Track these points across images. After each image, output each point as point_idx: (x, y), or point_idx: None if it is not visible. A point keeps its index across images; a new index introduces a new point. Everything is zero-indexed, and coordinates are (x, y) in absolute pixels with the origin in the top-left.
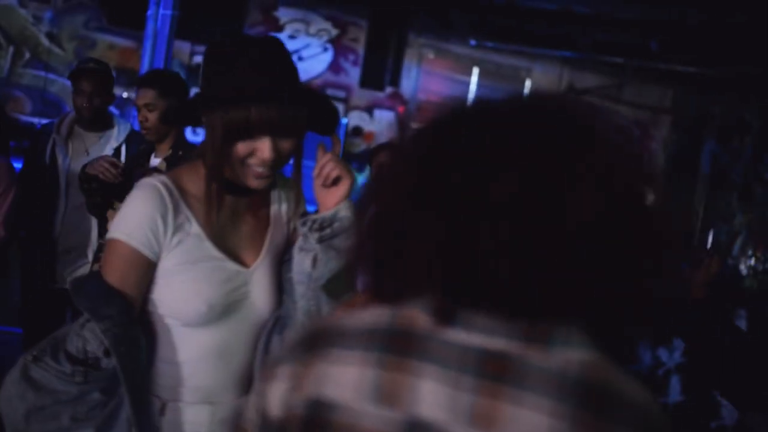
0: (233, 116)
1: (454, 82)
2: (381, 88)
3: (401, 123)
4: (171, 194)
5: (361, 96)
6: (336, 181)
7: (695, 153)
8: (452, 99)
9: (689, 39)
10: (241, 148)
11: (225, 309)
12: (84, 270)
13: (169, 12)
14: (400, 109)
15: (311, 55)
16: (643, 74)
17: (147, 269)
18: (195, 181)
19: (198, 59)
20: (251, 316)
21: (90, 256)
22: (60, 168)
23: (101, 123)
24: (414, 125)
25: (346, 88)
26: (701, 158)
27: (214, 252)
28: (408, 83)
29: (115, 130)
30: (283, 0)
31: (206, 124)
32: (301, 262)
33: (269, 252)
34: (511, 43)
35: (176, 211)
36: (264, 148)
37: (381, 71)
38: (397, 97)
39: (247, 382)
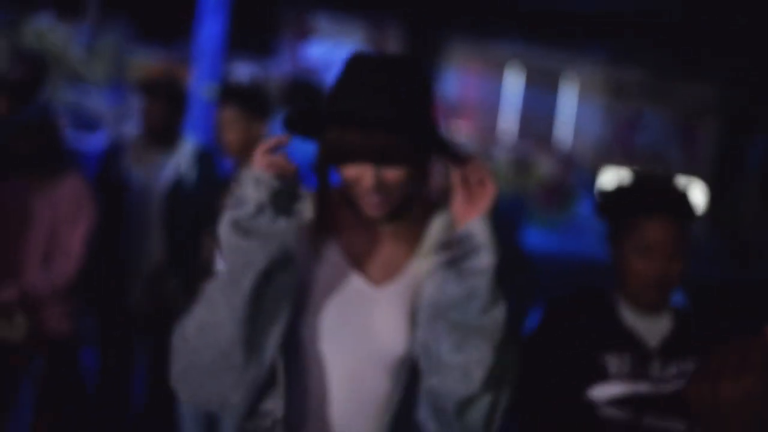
0: (330, 138)
1: (492, 83)
2: None
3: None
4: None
5: None
6: (476, 195)
7: (743, 151)
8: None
9: (734, 35)
10: (347, 173)
11: (343, 323)
12: (152, 287)
13: (220, 26)
14: (439, 111)
15: None
16: (687, 71)
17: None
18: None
19: (232, 70)
20: (374, 342)
21: (156, 272)
22: (126, 185)
23: (165, 141)
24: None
25: None
26: (749, 156)
27: (342, 263)
28: (445, 86)
29: (181, 150)
30: (317, 8)
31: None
32: (427, 289)
33: (407, 277)
34: (551, 43)
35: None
36: (365, 175)
37: None
38: (436, 100)
39: (383, 428)
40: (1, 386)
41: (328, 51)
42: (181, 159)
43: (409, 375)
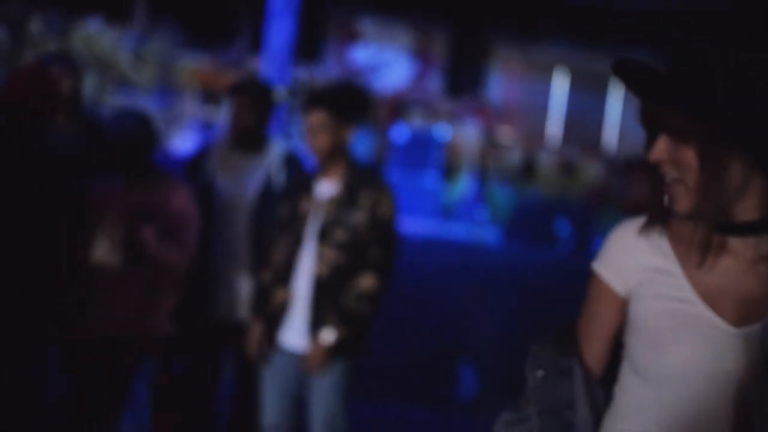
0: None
1: (539, 87)
2: (464, 97)
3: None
4: (648, 229)
5: (444, 105)
6: None
7: None
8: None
9: None
10: (650, 155)
11: (692, 370)
12: (241, 296)
13: (289, 29)
14: (485, 116)
15: (393, 67)
16: None
17: (613, 304)
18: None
19: None
20: (733, 386)
21: (245, 281)
22: (213, 191)
23: (253, 145)
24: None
25: (430, 99)
26: None
27: (694, 300)
28: (492, 90)
29: (269, 154)
30: (364, 12)
31: None
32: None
33: None
34: (598, 46)
35: (651, 247)
36: (656, 148)
37: (464, 79)
38: (481, 104)
39: None
40: (115, 387)
41: (374, 55)
42: (272, 163)
43: None
